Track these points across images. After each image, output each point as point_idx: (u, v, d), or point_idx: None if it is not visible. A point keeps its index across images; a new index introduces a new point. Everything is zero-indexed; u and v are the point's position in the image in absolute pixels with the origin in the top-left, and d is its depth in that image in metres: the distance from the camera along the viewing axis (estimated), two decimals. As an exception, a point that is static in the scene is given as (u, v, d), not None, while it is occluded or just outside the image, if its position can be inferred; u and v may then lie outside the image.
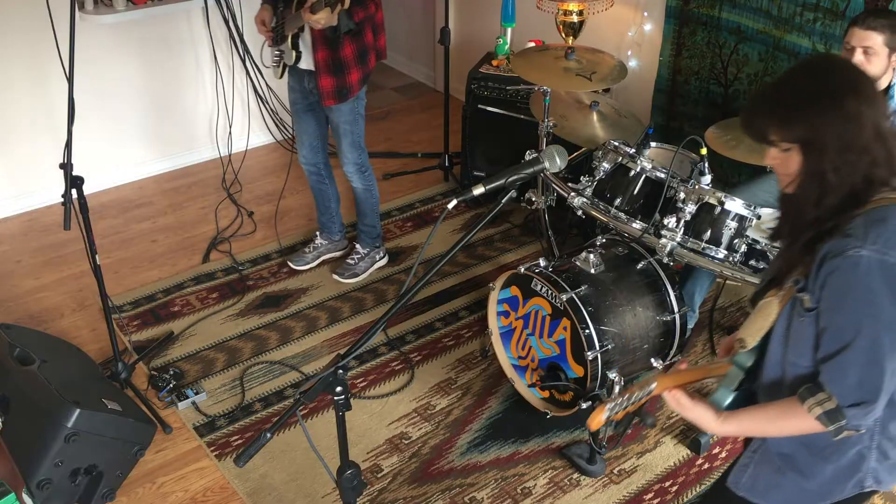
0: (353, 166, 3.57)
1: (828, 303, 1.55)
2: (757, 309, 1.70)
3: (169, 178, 4.63)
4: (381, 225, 3.85)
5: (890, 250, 1.51)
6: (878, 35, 2.82)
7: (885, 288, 1.51)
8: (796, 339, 1.63)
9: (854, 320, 1.53)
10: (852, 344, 1.53)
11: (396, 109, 5.50)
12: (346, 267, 3.80)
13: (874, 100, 1.58)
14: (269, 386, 3.22)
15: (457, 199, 1.61)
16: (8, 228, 4.18)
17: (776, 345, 1.69)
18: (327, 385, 1.70)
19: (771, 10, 3.62)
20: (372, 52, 3.35)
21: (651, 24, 4.14)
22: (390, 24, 6.08)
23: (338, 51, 3.21)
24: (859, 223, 1.53)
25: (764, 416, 1.67)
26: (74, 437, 2.52)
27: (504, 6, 4.35)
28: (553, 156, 1.60)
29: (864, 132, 1.54)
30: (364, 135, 3.54)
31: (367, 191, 3.68)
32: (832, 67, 1.63)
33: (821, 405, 1.56)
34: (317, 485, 2.81)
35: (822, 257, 1.54)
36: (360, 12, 3.15)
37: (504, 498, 2.79)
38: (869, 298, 1.51)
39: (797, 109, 1.56)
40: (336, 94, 3.30)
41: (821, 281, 1.55)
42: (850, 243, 1.51)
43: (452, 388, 3.23)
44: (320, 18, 2.99)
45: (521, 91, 4.08)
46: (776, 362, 1.70)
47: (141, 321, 3.55)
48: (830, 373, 1.56)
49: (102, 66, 4.23)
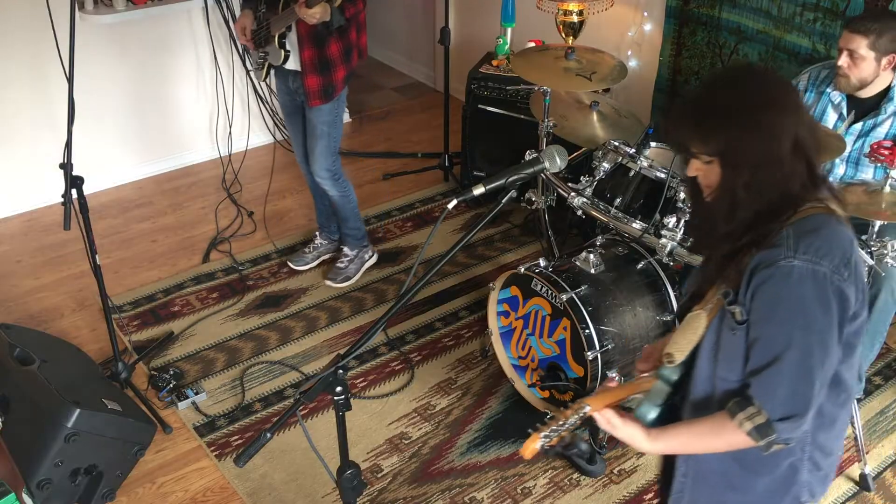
0: (327, 173, 3.49)
1: (759, 314, 1.51)
2: (684, 323, 1.65)
3: (169, 178, 4.63)
4: (364, 225, 3.81)
5: (821, 260, 1.47)
6: (862, 38, 2.78)
7: (817, 298, 1.48)
8: (726, 352, 1.59)
9: (785, 331, 1.49)
10: (783, 356, 1.49)
11: (396, 109, 5.50)
12: (336, 271, 3.77)
13: (794, 110, 1.55)
14: (269, 386, 3.22)
15: (457, 199, 1.61)
16: (8, 228, 4.18)
17: (705, 359, 1.63)
18: (327, 385, 1.70)
19: (771, 10, 3.62)
20: (355, 49, 3.33)
21: (651, 24, 4.14)
22: (390, 24, 6.10)
23: (324, 49, 3.20)
24: (789, 233, 1.50)
25: (693, 432, 1.62)
26: (74, 437, 2.52)
27: (504, 6, 4.35)
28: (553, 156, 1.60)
29: (781, 147, 1.50)
30: (340, 140, 3.49)
31: (344, 197, 3.61)
32: (751, 80, 1.58)
33: (751, 420, 1.52)
34: (317, 485, 2.81)
35: (753, 268, 1.51)
36: (350, 8, 3.15)
37: (504, 498, 2.79)
38: (801, 309, 1.48)
39: (714, 124, 1.53)
40: (322, 94, 3.28)
41: (751, 292, 1.51)
42: (782, 253, 1.48)
43: (452, 388, 3.23)
44: (316, 13, 2.99)
45: (521, 91, 4.08)
46: (705, 378, 1.65)
47: (141, 321, 3.55)
48: (760, 386, 1.52)
49: (102, 66, 4.23)
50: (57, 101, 4.00)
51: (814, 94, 3.09)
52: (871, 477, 2.82)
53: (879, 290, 2.83)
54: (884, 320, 2.91)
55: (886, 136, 2.96)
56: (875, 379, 3.27)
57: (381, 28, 6.22)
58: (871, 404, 3.15)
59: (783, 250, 1.48)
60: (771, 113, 1.51)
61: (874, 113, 2.96)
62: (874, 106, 2.96)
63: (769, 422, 1.51)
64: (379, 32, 6.26)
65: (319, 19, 3.04)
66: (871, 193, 2.65)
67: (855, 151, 3.01)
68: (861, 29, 2.78)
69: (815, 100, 3.08)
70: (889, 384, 3.25)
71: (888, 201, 2.60)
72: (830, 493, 2.80)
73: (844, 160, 3.02)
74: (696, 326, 1.62)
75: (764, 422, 1.51)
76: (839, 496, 2.79)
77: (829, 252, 1.49)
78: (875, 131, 2.97)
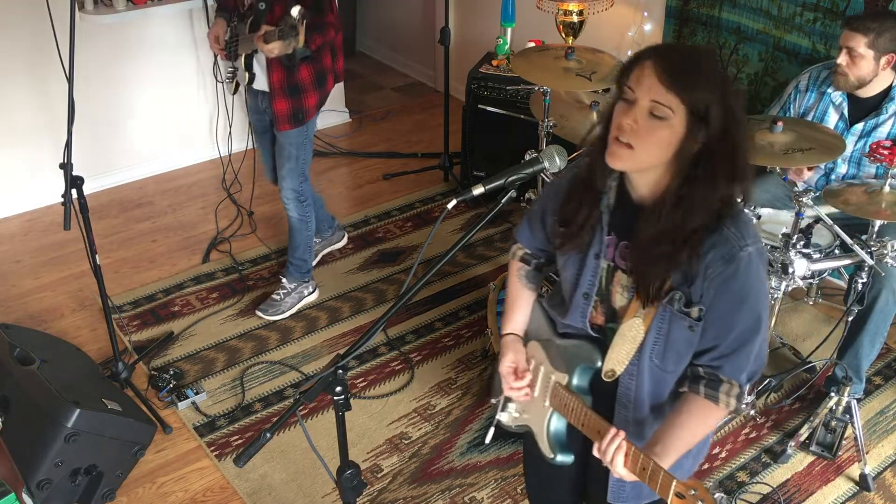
0: (293, 193, 3.36)
1: (727, 306, 1.53)
2: (619, 336, 1.63)
3: (169, 178, 4.63)
4: (311, 258, 3.63)
5: (757, 239, 1.54)
6: (861, 37, 2.81)
7: (766, 273, 1.58)
8: (676, 349, 1.61)
9: (755, 315, 1.56)
10: (755, 335, 1.57)
11: (396, 109, 5.50)
12: (270, 303, 3.56)
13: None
14: (269, 386, 3.22)
15: (456, 199, 1.60)
16: (8, 228, 4.18)
17: (647, 360, 1.63)
18: (327, 385, 1.70)
19: (771, 10, 3.62)
20: (330, 74, 3.21)
21: (651, 24, 4.14)
22: (391, 24, 6.10)
23: (294, 74, 3.08)
24: (729, 224, 1.51)
25: (684, 431, 1.60)
26: (74, 437, 2.52)
27: (504, 6, 4.35)
28: (553, 156, 1.60)
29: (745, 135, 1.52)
30: (309, 162, 3.37)
31: (303, 221, 3.46)
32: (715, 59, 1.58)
33: (729, 395, 1.59)
34: (317, 485, 2.81)
35: (706, 266, 1.51)
36: (318, 39, 2.98)
37: (504, 498, 2.79)
38: (763, 290, 1.56)
39: (705, 81, 1.46)
40: (291, 119, 3.16)
41: (714, 289, 1.52)
42: (735, 245, 1.50)
43: (452, 388, 3.23)
44: (273, 48, 2.87)
45: (521, 91, 4.08)
46: (651, 376, 1.65)
47: (141, 321, 3.55)
48: (732, 365, 1.59)
49: (102, 66, 4.23)
50: (57, 101, 4.00)
51: (815, 95, 3.10)
52: (871, 477, 2.82)
53: (880, 291, 2.83)
54: (884, 320, 2.91)
55: (888, 135, 2.96)
56: (875, 379, 3.27)
57: (381, 28, 6.23)
58: (871, 404, 3.15)
59: (734, 242, 1.50)
60: (744, 94, 1.54)
61: (875, 113, 2.97)
62: (875, 106, 2.97)
63: (741, 388, 1.60)
64: (379, 32, 6.26)
65: (278, 55, 2.91)
66: (871, 193, 2.65)
67: (857, 151, 3.01)
68: (860, 27, 2.80)
69: (817, 100, 3.09)
70: (889, 384, 3.25)
71: (888, 201, 2.60)
72: (830, 493, 2.80)
73: (846, 160, 3.03)
74: (633, 336, 1.61)
75: (739, 390, 1.60)
76: (839, 496, 2.79)
77: (755, 229, 1.55)
78: (876, 131, 2.97)
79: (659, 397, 1.70)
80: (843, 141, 2.81)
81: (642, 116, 1.44)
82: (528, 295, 1.90)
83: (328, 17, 3.01)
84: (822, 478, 2.86)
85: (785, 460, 2.91)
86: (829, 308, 3.59)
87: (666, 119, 1.43)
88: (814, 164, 2.79)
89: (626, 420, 1.71)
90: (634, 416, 1.71)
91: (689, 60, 1.45)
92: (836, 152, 2.74)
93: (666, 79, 1.41)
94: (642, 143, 1.46)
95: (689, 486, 1.40)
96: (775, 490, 2.81)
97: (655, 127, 1.44)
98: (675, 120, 1.43)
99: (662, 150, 1.46)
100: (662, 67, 1.42)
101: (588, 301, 1.68)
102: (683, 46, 1.50)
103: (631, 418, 1.71)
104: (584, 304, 1.69)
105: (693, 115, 1.42)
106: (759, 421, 3.08)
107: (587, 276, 1.66)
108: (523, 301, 1.90)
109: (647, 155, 1.47)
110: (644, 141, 1.45)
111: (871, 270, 2.65)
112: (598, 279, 1.66)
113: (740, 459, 2.93)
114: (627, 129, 1.46)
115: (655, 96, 1.43)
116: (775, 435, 3.03)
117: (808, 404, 3.15)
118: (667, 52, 1.46)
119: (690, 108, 1.42)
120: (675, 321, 1.57)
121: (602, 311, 1.68)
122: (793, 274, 2.62)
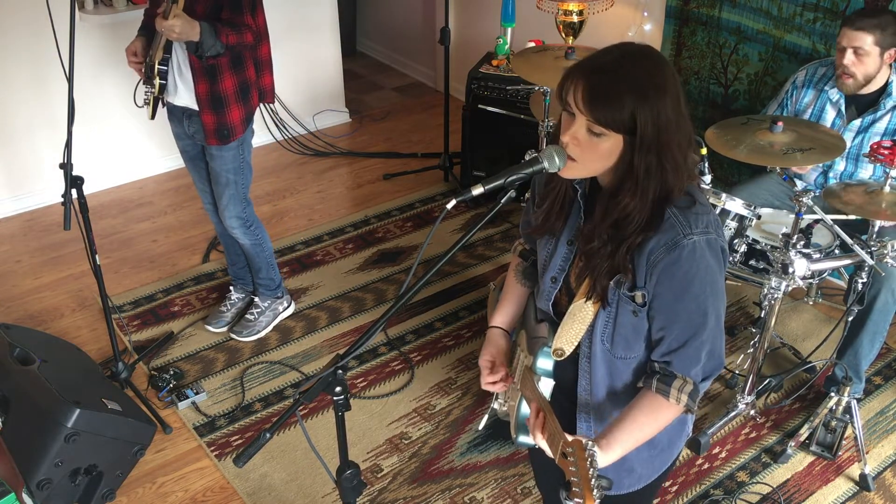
0: (237, 220, 3.20)
1: (670, 294, 1.55)
2: (569, 316, 1.66)
3: (169, 178, 4.64)
4: (279, 275, 3.50)
5: (708, 229, 1.54)
6: (867, 35, 2.84)
7: (717, 264, 1.55)
8: (624, 334, 1.63)
9: (701, 305, 1.55)
10: (702, 328, 1.56)
11: (396, 109, 5.50)
12: (244, 324, 3.44)
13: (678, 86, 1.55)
14: (269, 386, 3.23)
15: (456, 199, 1.60)
16: (8, 228, 4.18)
17: (598, 344, 1.67)
18: (327, 385, 1.69)
19: (771, 10, 3.62)
20: (254, 89, 3.03)
21: (651, 24, 4.14)
22: (391, 24, 6.11)
23: (217, 83, 2.90)
24: (674, 212, 1.53)
25: (632, 424, 1.61)
26: (74, 437, 2.52)
27: (504, 6, 4.35)
28: (552, 156, 1.59)
29: (686, 123, 1.53)
30: (250, 186, 3.21)
31: (257, 245, 3.31)
32: (658, 58, 1.56)
33: (682, 391, 1.59)
34: (317, 485, 2.81)
35: (649, 253, 1.53)
36: (231, 35, 2.79)
37: (504, 498, 2.79)
38: (709, 280, 1.55)
39: (631, 95, 1.48)
40: (217, 134, 2.98)
41: (656, 276, 1.54)
42: (679, 233, 1.52)
43: (452, 388, 3.23)
44: (175, 25, 2.67)
45: (521, 91, 4.08)
46: (603, 360, 1.68)
47: (141, 321, 3.55)
48: (682, 360, 1.59)
49: (102, 65, 4.24)
50: (57, 101, 4.00)
51: (812, 92, 3.10)
52: (871, 477, 2.82)
53: (879, 290, 2.83)
54: (884, 320, 2.91)
55: (885, 131, 2.97)
56: (875, 379, 3.27)
57: (381, 28, 6.23)
58: (871, 404, 3.15)
59: (678, 230, 1.52)
60: (676, 87, 1.51)
61: (873, 109, 2.98)
62: (873, 102, 2.99)
63: (696, 386, 1.60)
64: (379, 32, 6.27)
65: (180, 33, 2.70)
66: (871, 193, 2.65)
67: (854, 148, 3.02)
68: (865, 26, 2.84)
69: (814, 97, 3.09)
70: (889, 384, 3.25)
71: (888, 201, 2.60)
72: (830, 493, 2.80)
73: (844, 156, 3.03)
74: (582, 317, 1.64)
75: (693, 388, 1.59)
76: (839, 496, 2.79)
77: (711, 220, 1.55)
78: (874, 127, 2.98)
79: (613, 384, 1.71)
80: (843, 141, 2.81)
81: (582, 134, 1.51)
82: (521, 290, 1.94)
83: (245, 17, 2.84)
84: (822, 478, 2.86)
85: (785, 460, 2.91)
86: (829, 308, 3.59)
87: (603, 135, 1.49)
88: (814, 164, 2.80)
89: (588, 406, 1.75)
90: (593, 401, 1.74)
91: (611, 81, 1.48)
92: (836, 152, 2.75)
93: (589, 107, 1.47)
94: (585, 156, 1.53)
95: (568, 444, 1.45)
96: (775, 490, 2.81)
97: (595, 142, 1.50)
98: (611, 134, 1.49)
99: (605, 160, 1.53)
100: (586, 96, 1.47)
101: (555, 285, 1.73)
102: (609, 62, 1.47)
103: (592, 404, 1.75)
104: (552, 287, 1.73)
105: (624, 130, 1.48)
106: (759, 421, 3.08)
107: (557, 261, 1.71)
108: (514, 296, 1.94)
109: (592, 165, 1.55)
110: (587, 155, 1.52)
111: (870, 270, 2.65)
112: (568, 264, 1.71)
113: (740, 459, 2.93)
114: (570, 144, 1.53)
115: (588, 117, 1.49)
116: (775, 435, 3.03)
117: (808, 404, 3.15)
118: (590, 75, 1.49)
119: (617, 128, 1.48)
120: (622, 305, 1.60)
121: (565, 293, 1.73)
122: (793, 274, 2.63)
